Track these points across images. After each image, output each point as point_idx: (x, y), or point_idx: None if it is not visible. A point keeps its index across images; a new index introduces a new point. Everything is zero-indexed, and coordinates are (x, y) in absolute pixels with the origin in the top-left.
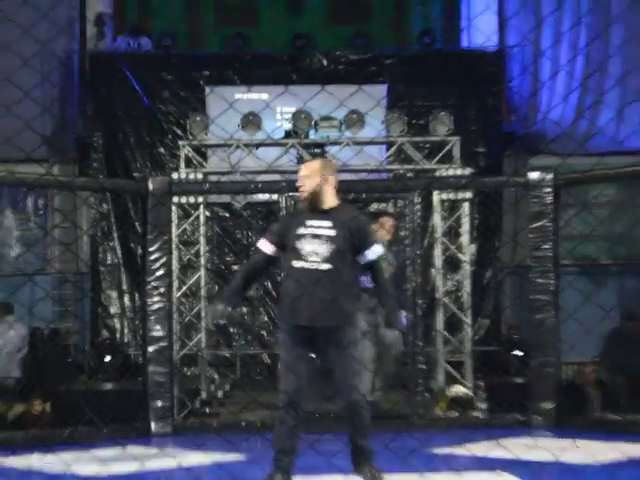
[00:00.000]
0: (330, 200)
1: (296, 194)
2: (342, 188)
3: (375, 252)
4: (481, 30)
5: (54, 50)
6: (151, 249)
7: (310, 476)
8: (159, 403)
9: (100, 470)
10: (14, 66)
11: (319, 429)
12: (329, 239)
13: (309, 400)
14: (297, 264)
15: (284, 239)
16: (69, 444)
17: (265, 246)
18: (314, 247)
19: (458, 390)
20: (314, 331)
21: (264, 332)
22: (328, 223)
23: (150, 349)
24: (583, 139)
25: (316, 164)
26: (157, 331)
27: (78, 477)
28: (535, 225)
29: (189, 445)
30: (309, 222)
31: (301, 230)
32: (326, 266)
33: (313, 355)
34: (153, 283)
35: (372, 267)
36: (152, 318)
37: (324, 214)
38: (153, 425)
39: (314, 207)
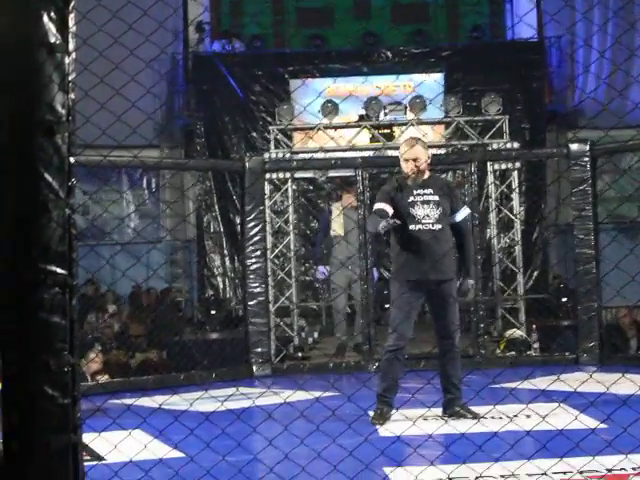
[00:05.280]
0: (427, 172)
1: (369, 169)
2: None
3: (463, 214)
4: (524, 23)
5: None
6: (249, 218)
7: (399, 409)
8: (259, 349)
9: (218, 407)
10: (132, 69)
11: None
12: (435, 203)
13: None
14: (413, 227)
15: (395, 205)
16: (185, 386)
17: (388, 208)
18: (425, 211)
19: (514, 333)
20: (429, 284)
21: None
22: (430, 190)
23: (250, 303)
24: (618, 114)
25: (422, 146)
26: (256, 288)
27: (201, 413)
28: (577, 190)
29: (290, 385)
30: (415, 191)
31: (411, 198)
32: (437, 227)
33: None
34: (251, 247)
35: (459, 226)
36: (251, 277)
37: (424, 183)
38: (254, 368)
39: (418, 179)
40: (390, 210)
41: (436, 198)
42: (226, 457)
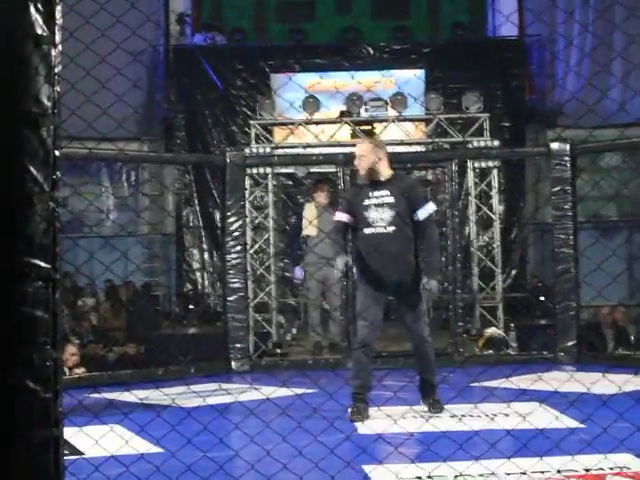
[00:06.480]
0: (385, 172)
1: (351, 165)
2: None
3: (426, 211)
4: (505, 21)
5: (143, 46)
6: (229, 213)
7: (380, 407)
8: (238, 345)
9: (200, 402)
10: (114, 61)
11: (386, 366)
12: (390, 206)
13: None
14: (367, 231)
15: (353, 210)
16: (163, 380)
17: (343, 217)
18: (379, 214)
19: (492, 331)
20: (388, 284)
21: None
22: (386, 192)
23: (230, 298)
24: (599, 114)
25: (367, 145)
26: (235, 283)
27: (183, 409)
28: (556, 189)
29: (270, 381)
30: (371, 193)
31: (366, 201)
32: (391, 229)
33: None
34: (231, 242)
35: (422, 224)
36: (231, 272)
37: (382, 185)
38: (233, 364)
39: (372, 180)
40: (346, 219)
41: (391, 200)
42: (207, 453)
